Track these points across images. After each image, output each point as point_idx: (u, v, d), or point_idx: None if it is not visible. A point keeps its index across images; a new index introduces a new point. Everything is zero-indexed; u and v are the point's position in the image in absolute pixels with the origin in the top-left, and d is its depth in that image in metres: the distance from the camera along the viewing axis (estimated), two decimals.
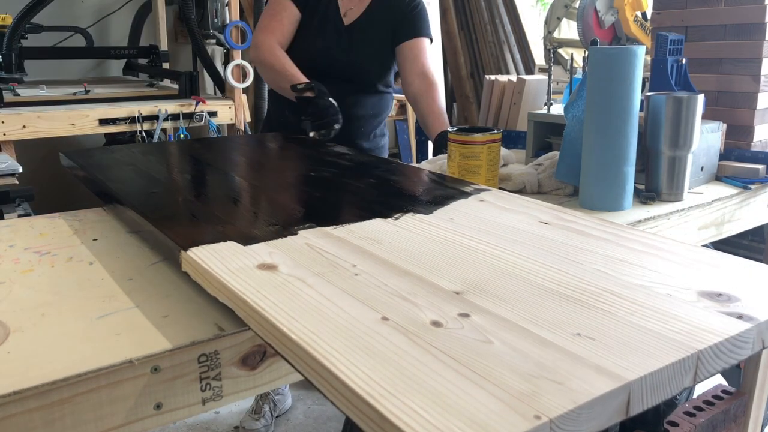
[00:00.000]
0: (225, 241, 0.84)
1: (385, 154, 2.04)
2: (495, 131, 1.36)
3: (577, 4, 3.78)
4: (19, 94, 2.66)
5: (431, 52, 1.97)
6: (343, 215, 0.99)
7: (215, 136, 2.83)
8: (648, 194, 1.36)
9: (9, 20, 2.70)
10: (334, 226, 0.91)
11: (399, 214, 0.97)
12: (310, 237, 0.87)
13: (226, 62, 3.04)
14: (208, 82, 3.52)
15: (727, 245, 1.59)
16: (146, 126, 2.64)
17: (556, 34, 4.09)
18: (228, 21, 2.95)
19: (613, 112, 1.22)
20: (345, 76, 1.88)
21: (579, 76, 1.75)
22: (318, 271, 0.75)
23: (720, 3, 1.64)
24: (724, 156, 1.59)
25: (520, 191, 1.41)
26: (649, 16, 3.38)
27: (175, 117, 2.72)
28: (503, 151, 1.49)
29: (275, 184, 1.20)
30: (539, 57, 4.73)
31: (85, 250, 1.00)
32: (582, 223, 0.94)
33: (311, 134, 1.64)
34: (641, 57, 1.21)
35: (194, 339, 0.70)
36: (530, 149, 1.70)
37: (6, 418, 0.60)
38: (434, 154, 1.73)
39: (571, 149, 1.36)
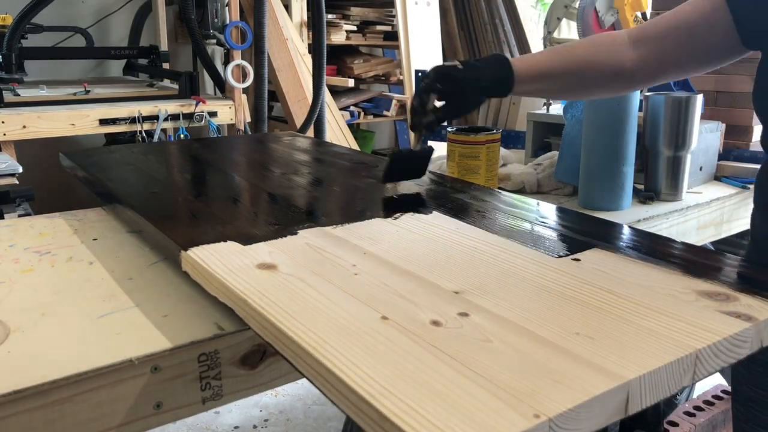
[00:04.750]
0: (225, 240, 0.84)
1: None
2: (494, 131, 1.36)
3: (577, 4, 3.77)
4: (19, 94, 2.66)
5: None
6: (343, 215, 0.99)
7: (215, 136, 2.83)
8: (647, 194, 1.36)
9: (9, 20, 2.70)
10: (334, 226, 0.92)
11: (399, 214, 0.97)
12: (309, 236, 0.87)
13: (226, 62, 3.04)
14: (208, 82, 3.52)
15: (726, 245, 1.59)
16: (146, 126, 2.64)
17: (555, 34, 4.09)
18: (228, 21, 2.95)
19: (611, 112, 1.23)
20: None
21: None
22: (318, 270, 0.75)
23: None
24: (723, 156, 1.60)
25: (520, 191, 1.41)
26: (649, 16, 3.38)
27: (175, 117, 2.72)
28: (502, 150, 1.49)
29: (275, 184, 1.20)
30: None
31: (85, 249, 1.00)
32: (580, 223, 0.95)
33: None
34: None
35: (194, 338, 0.70)
36: (529, 149, 1.71)
37: (6, 417, 0.60)
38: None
39: (570, 149, 1.36)
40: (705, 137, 1.49)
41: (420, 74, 1.12)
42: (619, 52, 0.97)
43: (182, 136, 2.72)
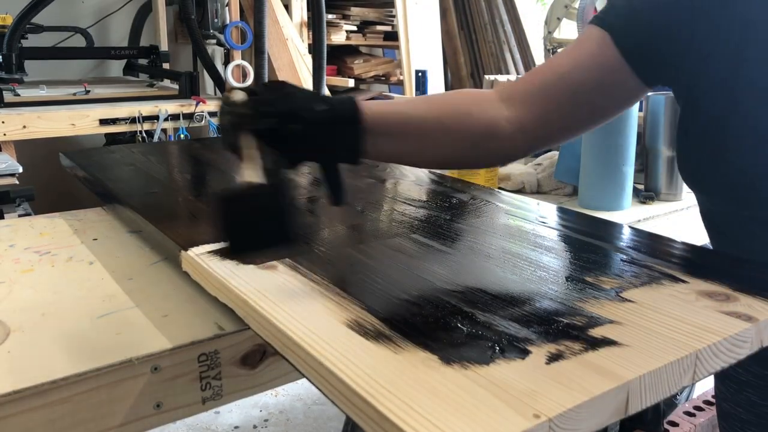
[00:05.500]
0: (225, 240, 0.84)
1: None
2: None
3: (577, 4, 3.77)
4: (19, 94, 2.66)
5: None
6: (343, 214, 0.99)
7: (215, 136, 2.83)
8: (647, 194, 1.36)
9: (9, 20, 2.70)
10: (334, 226, 0.92)
11: (399, 213, 0.97)
12: (310, 236, 0.87)
13: (226, 62, 3.04)
14: (208, 82, 3.52)
15: None
16: (146, 126, 2.64)
17: (556, 34, 4.09)
18: (228, 21, 2.96)
19: None
20: None
21: None
22: (318, 270, 0.75)
23: None
24: None
25: (520, 191, 1.41)
26: None
27: (175, 117, 2.72)
28: None
29: None
30: (539, 57, 4.73)
31: (85, 249, 1.00)
32: (581, 222, 0.95)
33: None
34: None
35: (194, 338, 0.70)
36: None
37: (6, 417, 0.60)
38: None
39: (570, 149, 1.36)
40: None
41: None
42: (492, 107, 0.78)
43: (182, 136, 2.72)
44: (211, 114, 2.82)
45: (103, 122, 2.56)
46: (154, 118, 2.66)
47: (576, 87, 0.77)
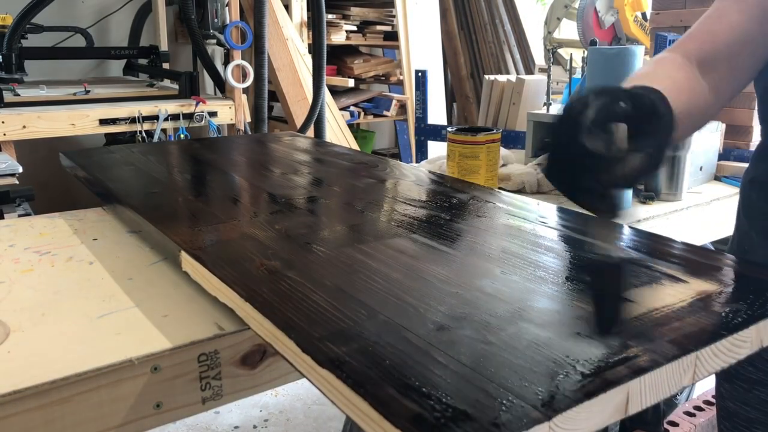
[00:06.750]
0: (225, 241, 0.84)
1: None
2: (494, 131, 1.36)
3: (577, 4, 3.78)
4: (19, 94, 2.66)
5: None
6: (343, 215, 0.99)
7: (215, 136, 2.83)
8: (647, 194, 1.36)
9: (9, 20, 2.71)
10: (335, 226, 0.92)
11: (399, 213, 0.97)
12: (310, 237, 0.87)
13: (226, 62, 3.04)
14: (208, 82, 3.52)
15: (726, 245, 1.59)
16: (146, 126, 2.65)
17: (555, 35, 4.10)
18: (228, 21, 2.96)
19: None
20: None
21: (578, 76, 1.75)
22: (318, 270, 0.75)
23: None
24: (723, 156, 1.60)
25: (520, 191, 1.41)
26: (648, 17, 3.39)
27: (175, 117, 2.72)
28: (503, 151, 1.50)
29: (275, 184, 1.20)
30: (539, 57, 4.74)
31: (85, 249, 1.00)
32: (581, 222, 0.95)
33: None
34: (640, 57, 1.21)
35: (194, 338, 0.70)
36: (529, 149, 1.71)
37: (6, 417, 0.60)
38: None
39: None
40: (705, 137, 1.49)
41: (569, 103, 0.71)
42: (697, 78, 0.79)
43: (182, 136, 2.73)
44: (211, 114, 2.82)
45: (103, 122, 2.56)
46: (154, 118, 2.67)
47: (753, 43, 0.78)
